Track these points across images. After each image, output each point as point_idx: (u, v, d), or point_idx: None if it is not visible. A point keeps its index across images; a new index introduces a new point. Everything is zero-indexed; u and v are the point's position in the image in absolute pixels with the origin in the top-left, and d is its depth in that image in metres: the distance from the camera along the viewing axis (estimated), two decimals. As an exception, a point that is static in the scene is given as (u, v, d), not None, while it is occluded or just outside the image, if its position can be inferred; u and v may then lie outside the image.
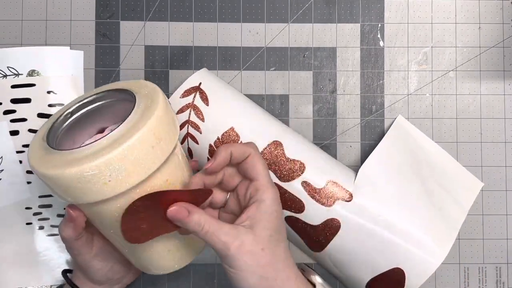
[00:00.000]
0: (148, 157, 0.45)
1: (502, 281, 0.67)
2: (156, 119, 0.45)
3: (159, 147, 0.45)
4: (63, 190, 0.45)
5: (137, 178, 0.45)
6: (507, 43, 0.68)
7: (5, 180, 0.65)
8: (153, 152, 0.45)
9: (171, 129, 0.48)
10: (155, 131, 0.45)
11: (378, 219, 0.58)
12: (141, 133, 0.44)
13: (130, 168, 0.44)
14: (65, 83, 0.66)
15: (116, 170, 0.43)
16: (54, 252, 0.65)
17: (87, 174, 0.43)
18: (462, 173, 0.67)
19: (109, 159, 0.43)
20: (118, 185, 0.44)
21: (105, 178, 0.43)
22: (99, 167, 0.43)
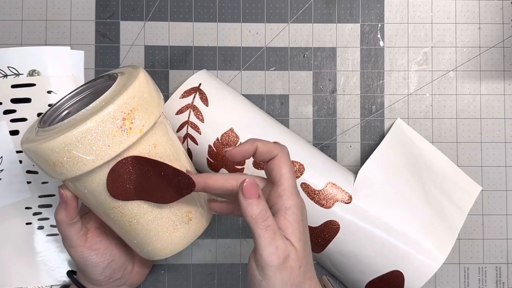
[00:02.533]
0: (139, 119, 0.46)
1: (502, 281, 0.67)
2: (133, 89, 0.46)
3: (138, 116, 0.46)
4: (49, 165, 0.46)
5: (118, 147, 0.45)
6: (507, 43, 0.68)
7: (5, 180, 0.65)
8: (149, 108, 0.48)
9: (152, 98, 0.48)
10: (132, 101, 0.46)
11: (378, 221, 0.59)
12: (118, 101, 0.45)
13: (110, 137, 0.45)
14: (65, 83, 0.66)
15: (97, 140, 0.44)
16: (54, 252, 0.65)
17: (69, 144, 0.44)
18: (461, 177, 0.67)
19: (88, 128, 0.44)
20: (101, 154, 0.45)
21: (87, 148, 0.44)
22: (79, 136, 0.44)
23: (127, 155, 0.47)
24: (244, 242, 0.66)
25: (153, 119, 0.48)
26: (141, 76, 0.48)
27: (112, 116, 0.45)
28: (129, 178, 0.48)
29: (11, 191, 0.65)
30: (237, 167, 0.60)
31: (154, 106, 0.48)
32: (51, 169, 0.46)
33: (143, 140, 0.48)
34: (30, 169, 0.65)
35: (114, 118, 0.45)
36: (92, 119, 0.44)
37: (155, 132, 0.49)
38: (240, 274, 0.66)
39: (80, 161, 0.45)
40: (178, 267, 0.65)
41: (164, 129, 0.51)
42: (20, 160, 0.65)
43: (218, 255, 0.66)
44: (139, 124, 0.46)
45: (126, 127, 0.45)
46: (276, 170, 0.47)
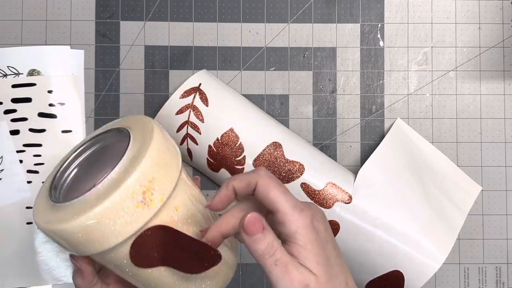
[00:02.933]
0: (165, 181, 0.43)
1: (502, 281, 0.67)
2: (150, 156, 0.43)
3: (158, 185, 0.43)
4: (69, 244, 0.43)
5: (140, 222, 0.42)
6: (507, 43, 0.68)
7: (5, 180, 0.65)
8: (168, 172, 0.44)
9: (171, 159, 0.45)
10: (151, 170, 0.42)
11: (377, 221, 0.59)
12: (135, 175, 0.42)
13: (131, 213, 0.41)
14: (65, 83, 0.66)
15: (117, 218, 0.41)
16: (54, 252, 0.65)
17: (88, 226, 0.41)
18: (461, 177, 0.67)
19: (106, 208, 0.41)
20: (122, 231, 0.42)
21: (107, 227, 0.41)
22: (97, 217, 0.41)
23: (149, 225, 0.43)
24: (244, 242, 0.66)
25: (173, 181, 0.44)
26: (156, 137, 0.44)
27: (131, 192, 0.41)
28: (152, 247, 0.44)
29: (11, 191, 0.65)
30: (237, 167, 0.60)
31: (173, 167, 0.45)
32: (71, 247, 0.43)
33: (164, 208, 0.44)
34: (31, 168, 0.65)
35: (133, 194, 0.41)
36: (109, 199, 0.41)
37: (177, 194, 0.45)
38: (240, 274, 0.66)
39: (101, 240, 0.42)
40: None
41: (184, 186, 0.47)
42: (21, 159, 0.65)
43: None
44: (160, 193, 0.43)
45: (146, 201, 0.42)
46: (265, 199, 0.42)
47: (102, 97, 0.67)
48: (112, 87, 0.67)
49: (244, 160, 0.60)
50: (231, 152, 0.60)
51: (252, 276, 0.66)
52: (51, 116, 0.65)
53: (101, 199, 0.41)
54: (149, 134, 0.45)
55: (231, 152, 0.60)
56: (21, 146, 0.65)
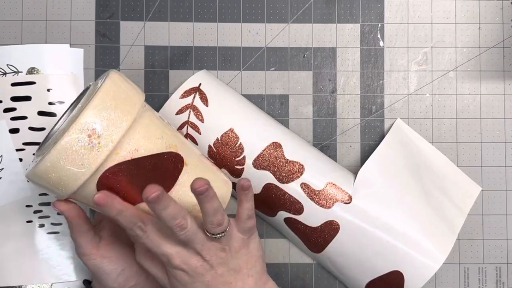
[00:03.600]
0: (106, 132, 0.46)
1: (502, 281, 0.67)
2: (95, 102, 0.46)
3: (104, 130, 0.46)
4: (45, 187, 0.48)
5: (93, 164, 0.46)
6: (507, 43, 0.68)
7: (5, 179, 0.65)
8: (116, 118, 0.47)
9: (118, 107, 0.48)
10: (93, 117, 0.46)
11: (377, 221, 0.59)
12: (77, 121, 0.45)
13: (81, 156, 0.45)
14: (65, 81, 0.66)
15: (71, 161, 0.45)
16: (55, 250, 0.65)
17: (47, 168, 0.46)
18: (461, 177, 0.67)
19: (58, 152, 0.45)
20: (80, 173, 0.46)
21: (65, 170, 0.46)
22: (52, 161, 0.45)
23: (108, 166, 0.47)
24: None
25: (123, 127, 0.47)
26: (104, 86, 0.48)
27: (75, 137, 0.45)
28: (118, 188, 0.48)
29: (11, 190, 0.65)
30: (237, 167, 0.60)
31: (123, 114, 0.48)
32: (49, 191, 0.49)
33: (119, 148, 0.47)
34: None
35: (78, 139, 0.45)
36: (58, 143, 0.45)
37: (133, 136, 0.48)
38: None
39: (65, 182, 0.46)
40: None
41: (145, 129, 0.50)
42: (20, 158, 0.65)
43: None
44: (108, 137, 0.46)
45: (94, 144, 0.46)
46: None
47: (102, 97, 0.66)
48: (112, 87, 0.67)
49: (244, 160, 0.60)
50: (231, 152, 0.60)
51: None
52: (50, 114, 0.65)
53: (51, 145, 0.46)
54: (100, 84, 0.49)
55: (231, 152, 0.60)
56: (21, 145, 0.65)
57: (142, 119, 0.50)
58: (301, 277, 0.66)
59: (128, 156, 0.48)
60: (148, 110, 0.52)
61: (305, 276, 0.66)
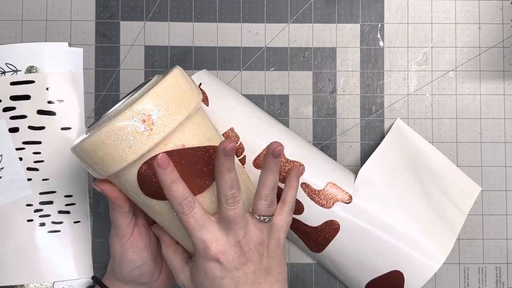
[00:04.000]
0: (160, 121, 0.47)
1: (502, 281, 0.67)
2: (156, 90, 0.48)
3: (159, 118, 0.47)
4: (89, 163, 0.49)
5: (140, 148, 0.47)
6: (507, 43, 0.68)
7: (5, 178, 0.65)
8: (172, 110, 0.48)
9: (178, 99, 0.49)
10: (151, 103, 0.47)
11: (378, 221, 0.59)
12: (136, 104, 0.47)
13: (131, 139, 0.46)
14: (64, 80, 0.66)
15: (119, 141, 0.46)
16: (56, 249, 0.65)
17: (95, 145, 0.47)
18: (461, 177, 0.67)
19: (109, 131, 0.46)
20: (124, 155, 0.47)
21: (111, 150, 0.47)
22: (102, 139, 0.47)
23: (153, 154, 0.48)
24: (244, 242, 0.66)
25: (177, 120, 0.48)
26: (167, 79, 0.49)
27: (130, 119, 0.46)
28: (153, 178, 0.49)
29: (11, 189, 0.65)
30: (237, 167, 0.60)
31: (180, 108, 0.49)
32: (91, 168, 0.50)
33: (168, 140, 0.49)
34: (31, 166, 0.65)
35: (132, 121, 0.46)
36: (112, 121, 0.46)
37: (183, 131, 0.50)
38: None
39: (111, 160, 0.48)
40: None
41: (196, 127, 0.51)
42: (20, 157, 0.65)
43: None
44: (161, 125, 0.47)
45: (147, 128, 0.47)
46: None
47: (102, 97, 0.67)
48: (112, 87, 0.67)
49: (245, 160, 0.60)
50: (231, 152, 0.60)
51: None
52: (50, 113, 0.65)
53: (104, 123, 0.47)
54: (165, 76, 0.50)
55: (231, 152, 0.60)
56: (20, 144, 0.65)
57: (195, 117, 0.51)
58: (301, 277, 0.66)
59: (175, 148, 0.49)
60: (202, 111, 0.54)
61: (305, 276, 0.66)
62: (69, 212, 0.65)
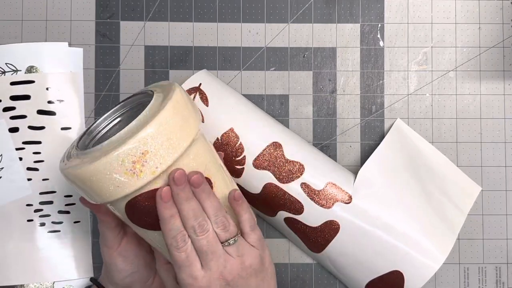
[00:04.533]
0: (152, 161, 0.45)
1: (502, 281, 0.67)
2: (152, 127, 0.44)
3: (151, 159, 0.44)
4: (80, 189, 0.47)
5: (127, 188, 0.45)
6: (507, 43, 0.68)
7: (5, 178, 0.65)
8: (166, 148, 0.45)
9: (178, 134, 0.46)
10: (145, 143, 0.44)
11: (377, 221, 0.59)
12: (127, 145, 0.43)
13: (119, 178, 0.44)
14: (64, 80, 0.66)
15: (107, 178, 0.44)
16: (56, 249, 0.65)
17: (85, 176, 0.44)
18: (461, 177, 0.67)
19: (96, 168, 0.44)
20: (113, 192, 0.45)
21: (100, 183, 0.44)
22: (92, 173, 0.44)
23: (142, 192, 0.46)
24: (244, 242, 0.66)
25: (171, 158, 0.45)
26: (163, 113, 0.45)
27: (120, 160, 0.43)
28: (143, 212, 0.47)
29: (11, 189, 0.65)
30: (237, 167, 0.60)
31: (178, 144, 0.46)
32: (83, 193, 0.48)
33: (159, 179, 0.46)
34: (30, 166, 0.65)
35: (122, 162, 0.44)
36: (97, 161, 0.44)
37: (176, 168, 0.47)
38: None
39: (99, 194, 0.46)
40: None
41: (191, 161, 0.48)
42: (20, 157, 0.65)
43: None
44: (153, 166, 0.45)
45: (136, 171, 0.44)
46: None
47: (102, 97, 0.67)
48: (112, 87, 0.67)
49: (244, 160, 0.60)
50: (231, 152, 0.60)
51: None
52: (50, 113, 0.65)
53: (94, 159, 0.44)
54: (159, 108, 0.46)
55: (231, 152, 0.60)
56: (20, 144, 0.65)
57: (192, 149, 0.48)
58: (301, 277, 0.66)
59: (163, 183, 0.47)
60: (201, 138, 0.50)
61: (305, 276, 0.66)
62: (69, 212, 0.65)
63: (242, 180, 0.60)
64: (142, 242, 0.58)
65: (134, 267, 0.57)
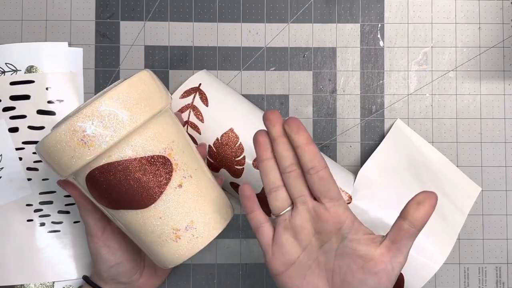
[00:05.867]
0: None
1: (502, 281, 0.67)
2: (103, 100, 0.45)
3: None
4: (47, 162, 0.48)
5: (82, 159, 0.45)
6: (507, 43, 0.68)
7: (5, 178, 0.65)
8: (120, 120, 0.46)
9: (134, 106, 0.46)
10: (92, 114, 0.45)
11: (377, 221, 0.59)
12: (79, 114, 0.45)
13: (73, 149, 0.45)
14: (64, 80, 0.66)
15: (62, 149, 0.45)
16: (56, 249, 0.65)
17: (47, 147, 0.46)
18: (461, 178, 0.67)
19: (54, 137, 0.45)
20: (68, 163, 0.46)
21: (58, 155, 0.46)
22: (51, 143, 0.45)
23: (97, 165, 0.46)
24: (244, 242, 0.66)
25: (119, 134, 0.46)
26: (119, 88, 0.47)
27: (71, 129, 0.45)
28: (101, 187, 0.48)
29: (11, 189, 0.65)
30: (237, 167, 0.60)
31: (127, 119, 0.46)
32: (49, 166, 0.48)
33: (112, 152, 0.46)
34: (30, 166, 0.65)
35: (74, 131, 0.45)
36: (58, 128, 0.45)
37: (132, 142, 0.47)
38: (240, 274, 0.66)
39: (60, 166, 0.47)
40: (178, 267, 0.65)
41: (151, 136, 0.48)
42: (20, 157, 0.65)
43: (218, 255, 0.66)
44: (102, 139, 0.45)
45: (86, 141, 0.45)
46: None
47: (102, 97, 0.67)
48: (112, 87, 0.67)
49: (244, 160, 0.60)
50: (231, 152, 0.60)
51: (252, 276, 0.66)
52: (50, 113, 0.65)
53: (55, 129, 0.46)
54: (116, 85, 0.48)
55: (231, 152, 0.60)
56: (20, 144, 0.65)
57: (152, 124, 0.48)
58: (301, 277, 0.66)
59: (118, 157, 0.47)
60: (167, 114, 0.51)
61: (305, 276, 0.66)
62: (69, 212, 0.65)
63: (242, 180, 0.60)
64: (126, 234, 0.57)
65: (118, 258, 0.56)
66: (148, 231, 0.49)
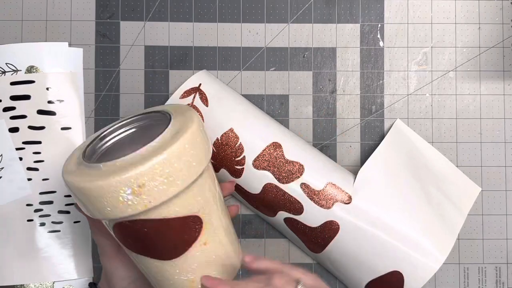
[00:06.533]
0: (159, 191, 0.44)
1: (502, 281, 0.67)
2: (155, 162, 0.43)
3: (148, 192, 0.43)
4: (79, 200, 0.46)
5: (117, 214, 0.44)
6: (507, 43, 0.68)
7: (5, 178, 0.65)
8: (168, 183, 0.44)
9: (181, 172, 0.45)
10: (145, 176, 0.43)
11: (377, 222, 0.59)
12: (127, 175, 0.42)
13: (114, 203, 0.43)
14: (64, 80, 0.66)
15: (101, 201, 0.43)
16: (56, 249, 0.65)
17: (90, 193, 0.44)
18: (461, 178, 0.67)
19: (98, 186, 0.43)
20: (106, 213, 0.44)
21: (95, 203, 0.44)
22: (88, 191, 0.43)
23: (130, 219, 0.45)
24: (243, 242, 0.66)
25: (165, 196, 0.44)
26: (172, 148, 0.44)
27: (116, 188, 0.43)
28: (128, 235, 0.47)
29: (11, 189, 0.65)
30: (237, 168, 0.60)
31: (174, 182, 0.44)
32: (83, 206, 0.47)
33: (151, 213, 0.45)
34: (31, 166, 0.65)
35: (119, 189, 0.43)
36: (98, 183, 0.43)
37: (171, 204, 0.45)
38: (240, 274, 0.66)
39: (94, 212, 0.45)
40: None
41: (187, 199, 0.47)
42: (20, 157, 0.65)
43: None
44: (145, 200, 0.43)
45: (128, 200, 0.43)
46: None
47: (102, 97, 0.67)
48: (112, 87, 0.67)
49: (244, 160, 0.60)
50: (231, 152, 0.60)
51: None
52: (50, 113, 0.65)
53: (94, 179, 0.43)
54: (170, 142, 0.45)
55: (231, 152, 0.60)
56: (20, 144, 0.65)
57: (193, 187, 0.47)
58: (301, 277, 0.66)
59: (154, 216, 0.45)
60: (206, 173, 0.49)
61: (305, 276, 0.66)
62: (69, 212, 0.65)
63: (242, 180, 0.60)
64: None
65: (136, 274, 0.55)
66: (164, 277, 0.49)
